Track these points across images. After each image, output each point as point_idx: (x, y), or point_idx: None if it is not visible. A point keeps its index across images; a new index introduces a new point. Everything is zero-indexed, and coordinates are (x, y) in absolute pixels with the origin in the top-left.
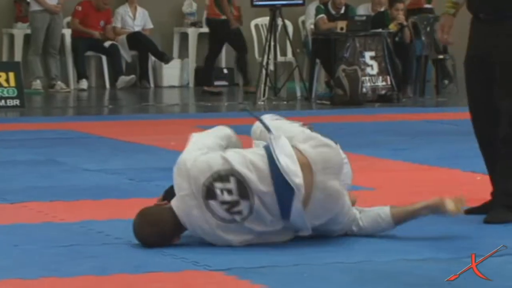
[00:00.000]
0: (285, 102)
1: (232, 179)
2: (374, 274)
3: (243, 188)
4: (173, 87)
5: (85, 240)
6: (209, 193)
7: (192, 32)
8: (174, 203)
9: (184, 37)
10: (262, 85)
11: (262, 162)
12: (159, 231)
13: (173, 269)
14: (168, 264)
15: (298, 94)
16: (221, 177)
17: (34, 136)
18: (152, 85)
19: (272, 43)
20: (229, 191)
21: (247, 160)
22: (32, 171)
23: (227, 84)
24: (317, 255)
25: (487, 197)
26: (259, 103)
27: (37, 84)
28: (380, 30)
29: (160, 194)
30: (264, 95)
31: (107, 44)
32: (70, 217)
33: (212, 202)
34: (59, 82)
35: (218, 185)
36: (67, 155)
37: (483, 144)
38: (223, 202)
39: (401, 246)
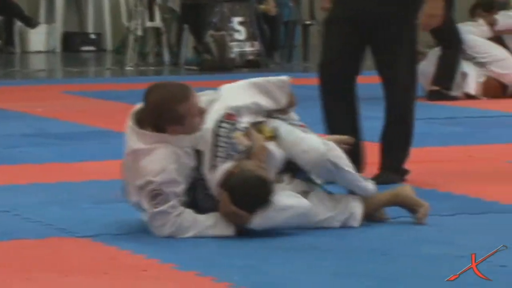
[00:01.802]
0: (153, 68)
1: None
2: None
3: None
4: (40, 52)
5: None
6: None
7: None
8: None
9: (51, 1)
10: (130, 51)
11: None
12: None
13: (39, 236)
14: (34, 230)
15: (166, 59)
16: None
17: None
18: (18, 50)
19: (140, 8)
20: None
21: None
22: None
23: (95, 49)
24: None
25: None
26: (127, 68)
27: None
28: None
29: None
30: (132, 61)
31: None
32: None
33: None
34: None
35: None
36: None
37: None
38: None
39: None
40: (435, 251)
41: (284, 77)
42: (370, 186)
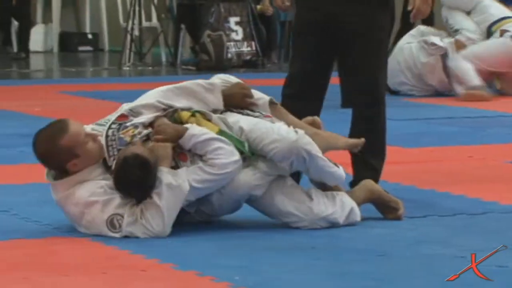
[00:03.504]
0: (150, 68)
1: None
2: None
3: None
4: (37, 52)
5: None
6: None
7: None
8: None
9: (48, 1)
10: (127, 51)
11: None
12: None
13: (38, 236)
14: (32, 230)
15: (164, 59)
16: None
17: None
18: (15, 50)
19: (137, 8)
20: None
21: None
22: None
23: (92, 49)
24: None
25: None
26: (124, 68)
27: None
28: None
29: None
30: (129, 61)
31: None
32: None
33: None
34: None
35: None
36: None
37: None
38: None
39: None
40: (433, 252)
41: (215, 81)
42: (341, 171)
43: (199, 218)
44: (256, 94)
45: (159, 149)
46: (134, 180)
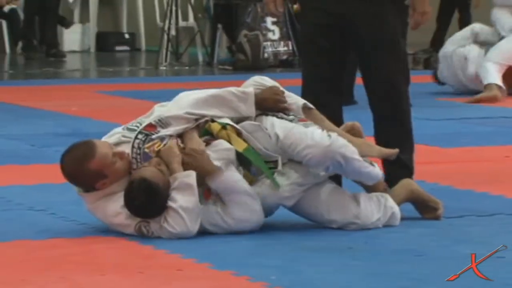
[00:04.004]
0: (187, 68)
1: None
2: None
3: None
4: (74, 52)
5: None
6: None
7: None
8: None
9: (85, 0)
10: (164, 50)
11: None
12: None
13: (74, 235)
14: (69, 229)
15: (200, 59)
16: None
17: None
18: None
19: (174, 8)
20: None
21: None
22: None
23: (129, 49)
24: None
25: None
26: (161, 68)
27: None
28: None
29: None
30: (166, 60)
31: (6, 8)
32: None
33: None
34: None
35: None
36: None
37: None
38: None
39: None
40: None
41: (248, 88)
42: (377, 171)
43: None
44: (291, 97)
45: (164, 154)
46: (139, 204)
